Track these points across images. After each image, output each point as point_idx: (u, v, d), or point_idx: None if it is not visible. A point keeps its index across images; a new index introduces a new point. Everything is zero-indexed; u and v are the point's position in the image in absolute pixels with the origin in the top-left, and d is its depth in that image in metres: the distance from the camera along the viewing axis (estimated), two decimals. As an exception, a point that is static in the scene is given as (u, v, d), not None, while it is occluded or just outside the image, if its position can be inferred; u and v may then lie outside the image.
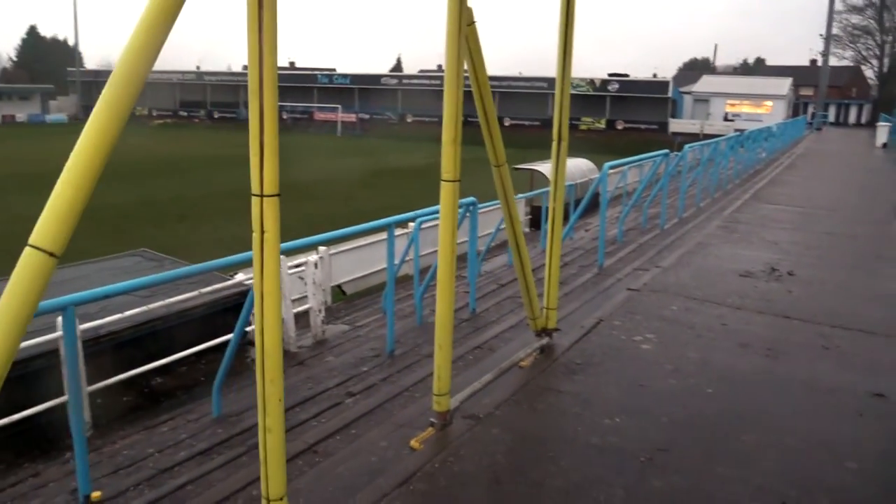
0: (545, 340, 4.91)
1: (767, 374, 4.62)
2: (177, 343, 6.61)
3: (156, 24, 1.91)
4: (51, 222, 1.83)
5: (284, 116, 63.27)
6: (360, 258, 11.54)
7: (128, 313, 5.99)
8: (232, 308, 7.31)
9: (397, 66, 78.49)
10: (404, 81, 65.63)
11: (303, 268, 8.47)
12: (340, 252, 11.07)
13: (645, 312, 5.93)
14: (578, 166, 19.32)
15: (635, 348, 5.04)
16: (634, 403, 4.09)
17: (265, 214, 2.20)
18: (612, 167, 9.21)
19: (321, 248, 9.46)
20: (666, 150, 11.18)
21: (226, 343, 6.80)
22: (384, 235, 6.39)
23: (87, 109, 43.29)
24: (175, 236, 17.69)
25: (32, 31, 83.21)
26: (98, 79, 64.22)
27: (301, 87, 64.45)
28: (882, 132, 32.66)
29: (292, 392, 5.51)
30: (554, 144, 4.45)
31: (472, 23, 3.41)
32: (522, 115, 57.15)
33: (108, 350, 6.31)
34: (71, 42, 78.06)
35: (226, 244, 8.97)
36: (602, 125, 55.23)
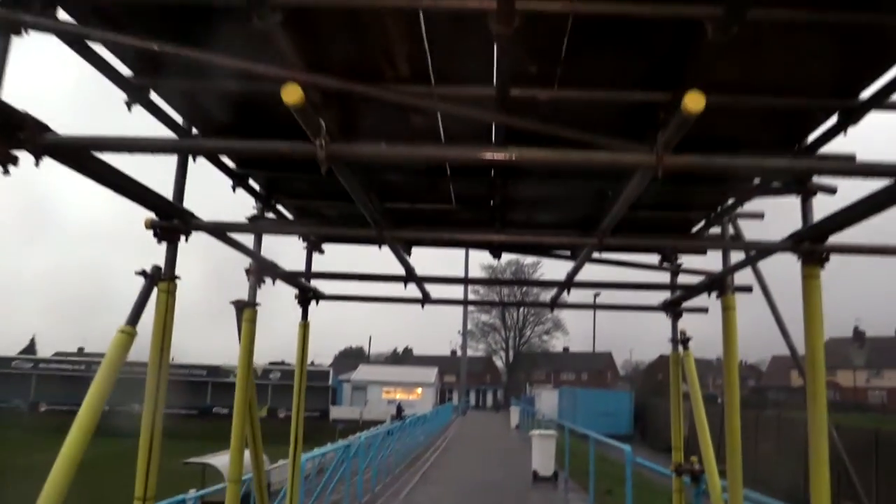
0: None
1: None
2: None
3: (110, 376, 2.60)
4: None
5: None
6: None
7: None
8: None
9: (30, 348, 70.95)
10: (40, 366, 59.50)
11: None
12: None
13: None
14: (254, 457, 19.40)
15: None
16: None
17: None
18: (308, 458, 10.04)
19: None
20: (348, 443, 12.38)
21: None
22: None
23: None
24: None
25: None
26: None
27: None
28: (514, 416, 38.54)
29: None
30: (291, 448, 5.36)
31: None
32: (179, 404, 54.64)
33: None
34: None
35: None
36: (264, 413, 55.19)
